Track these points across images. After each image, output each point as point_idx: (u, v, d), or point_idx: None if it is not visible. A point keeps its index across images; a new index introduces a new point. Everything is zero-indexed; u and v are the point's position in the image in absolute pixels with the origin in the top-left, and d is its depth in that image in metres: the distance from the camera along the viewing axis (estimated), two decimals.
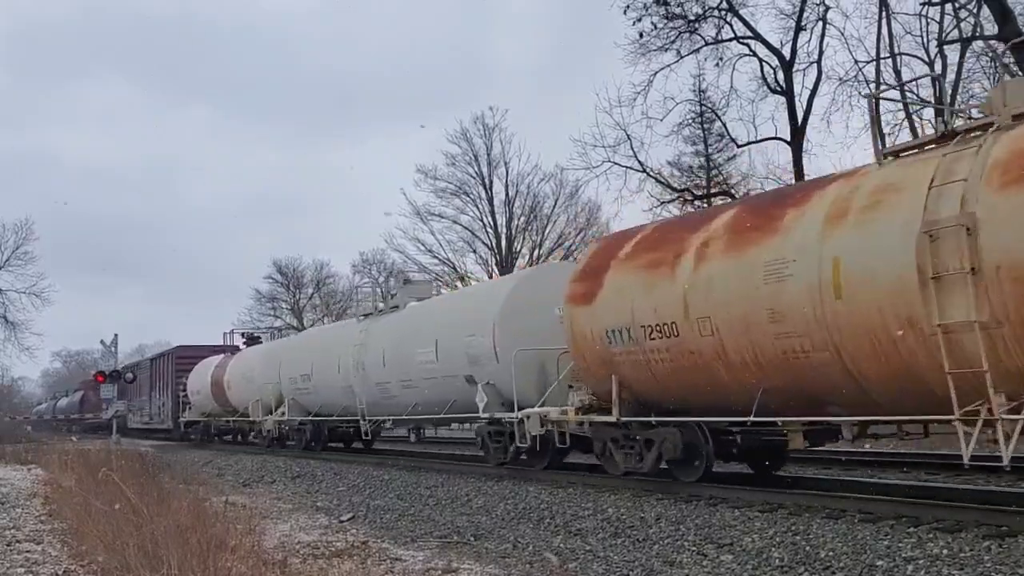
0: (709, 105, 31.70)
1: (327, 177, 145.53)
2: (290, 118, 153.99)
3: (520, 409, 13.04)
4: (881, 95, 11.08)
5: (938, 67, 25.93)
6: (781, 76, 28.63)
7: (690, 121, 32.11)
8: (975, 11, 24.77)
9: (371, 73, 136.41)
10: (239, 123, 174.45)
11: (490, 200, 42.13)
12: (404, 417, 18.75)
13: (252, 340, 33.70)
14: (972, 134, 7.98)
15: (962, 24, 25.57)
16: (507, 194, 41.91)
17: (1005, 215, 7.12)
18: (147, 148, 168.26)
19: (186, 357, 35.68)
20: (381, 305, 20.65)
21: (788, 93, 28.43)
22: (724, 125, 31.73)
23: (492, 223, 42.19)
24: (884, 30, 26.57)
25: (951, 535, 7.22)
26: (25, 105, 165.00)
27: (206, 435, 33.38)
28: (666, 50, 28.89)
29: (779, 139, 29.36)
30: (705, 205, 29.21)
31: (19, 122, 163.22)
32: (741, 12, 28.50)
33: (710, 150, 32.77)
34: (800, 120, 28.15)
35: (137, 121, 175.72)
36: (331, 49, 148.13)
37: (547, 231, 42.07)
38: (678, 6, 28.39)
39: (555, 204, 41.64)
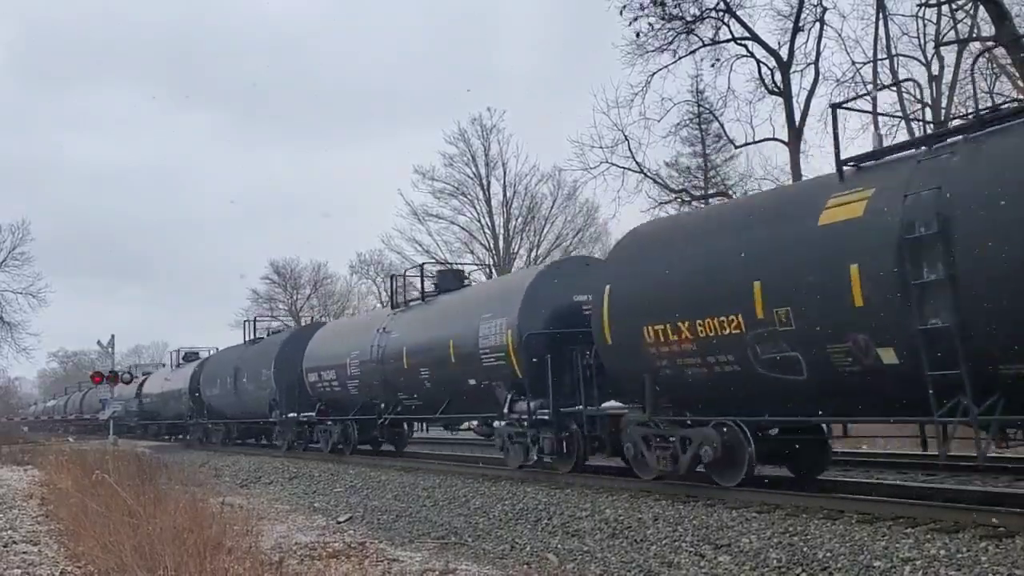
0: (707, 106, 31.69)
1: (324, 178, 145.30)
2: (288, 120, 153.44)
3: None
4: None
5: (935, 68, 26.03)
6: (779, 77, 28.58)
7: (688, 122, 32.12)
8: (972, 12, 24.79)
9: (369, 75, 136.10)
10: (237, 126, 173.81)
11: (488, 201, 42.13)
12: None
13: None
14: None
15: (959, 25, 25.61)
16: (505, 195, 41.92)
17: None
18: (147, 151, 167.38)
19: None
20: None
21: (786, 94, 28.40)
22: (722, 126, 31.70)
23: (490, 224, 42.18)
24: (881, 31, 26.63)
25: (948, 536, 7.21)
26: (30, 108, 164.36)
27: None
28: (663, 51, 28.79)
29: (777, 140, 29.34)
30: (702, 205, 29.18)
31: (23, 125, 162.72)
32: (738, 13, 28.48)
33: (708, 151, 32.80)
34: (798, 121, 28.14)
35: (139, 125, 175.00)
36: (330, 52, 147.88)
37: (545, 232, 42.07)
38: (675, 7, 28.36)
39: (553, 205, 41.67)
